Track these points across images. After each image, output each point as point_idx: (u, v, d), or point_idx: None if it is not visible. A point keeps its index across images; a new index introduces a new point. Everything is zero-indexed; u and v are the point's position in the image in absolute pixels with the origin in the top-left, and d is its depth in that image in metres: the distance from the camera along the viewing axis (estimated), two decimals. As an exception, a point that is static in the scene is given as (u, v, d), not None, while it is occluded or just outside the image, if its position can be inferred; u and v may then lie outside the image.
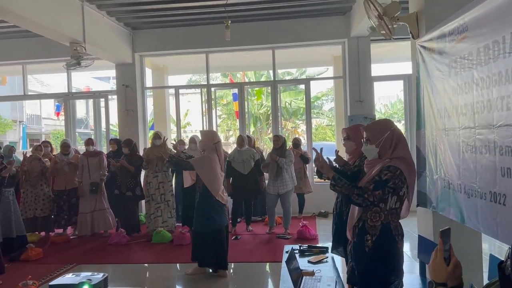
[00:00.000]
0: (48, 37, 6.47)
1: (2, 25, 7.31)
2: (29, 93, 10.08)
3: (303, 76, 16.73)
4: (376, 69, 8.31)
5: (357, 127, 3.32)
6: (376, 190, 2.31)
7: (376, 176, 2.37)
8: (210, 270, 4.75)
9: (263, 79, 17.06)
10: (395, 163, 2.36)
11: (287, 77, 17.38)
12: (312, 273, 2.91)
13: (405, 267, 2.52)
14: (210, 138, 4.55)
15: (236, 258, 5.35)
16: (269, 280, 4.58)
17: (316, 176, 3.32)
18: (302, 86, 11.26)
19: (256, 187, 6.62)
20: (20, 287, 4.03)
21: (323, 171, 2.57)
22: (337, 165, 3.25)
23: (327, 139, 18.96)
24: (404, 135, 2.78)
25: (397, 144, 2.43)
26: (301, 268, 2.97)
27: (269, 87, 9.10)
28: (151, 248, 5.99)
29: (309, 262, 3.25)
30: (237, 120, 12.57)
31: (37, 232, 6.64)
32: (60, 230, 6.78)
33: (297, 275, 2.77)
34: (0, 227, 5.31)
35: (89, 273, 3.10)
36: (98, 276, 3.01)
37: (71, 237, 6.66)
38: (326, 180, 2.58)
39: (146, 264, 5.39)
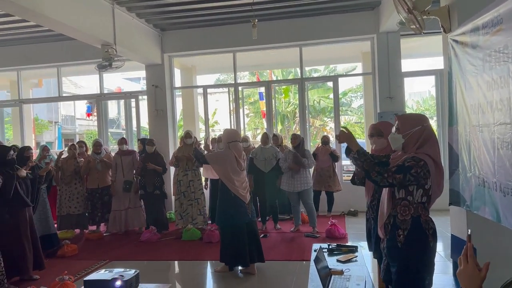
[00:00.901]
0: (80, 40, 6.67)
1: (37, 29, 7.59)
2: (64, 95, 10.43)
3: (332, 73, 16.55)
4: (407, 65, 8.13)
5: (390, 124, 3.25)
6: (397, 174, 2.30)
7: (399, 162, 2.37)
8: (240, 268, 4.78)
9: (290, 77, 17.00)
10: (420, 155, 2.34)
11: (315, 75, 17.25)
12: (341, 272, 2.88)
13: (438, 267, 2.46)
14: (226, 137, 4.73)
15: (265, 256, 5.35)
16: (297, 278, 4.56)
17: (345, 175, 3.28)
18: (330, 83, 11.16)
19: (276, 185, 6.61)
20: (57, 282, 4.19)
21: (350, 142, 2.53)
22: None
23: (356, 137, 18.65)
24: (436, 132, 2.71)
25: (425, 141, 2.38)
26: (329, 267, 2.95)
27: (297, 85, 9.05)
28: (181, 246, 6.09)
29: (338, 261, 3.22)
30: (264, 119, 12.61)
31: (72, 229, 6.87)
32: (94, 227, 7.00)
33: (325, 274, 2.75)
34: (38, 224, 5.53)
35: (121, 269, 3.19)
36: (130, 272, 3.09)
37: (104, 234, 6.86)
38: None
39: (176, 261, 5.48)
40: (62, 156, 6.73)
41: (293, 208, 6.62)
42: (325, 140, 7.51)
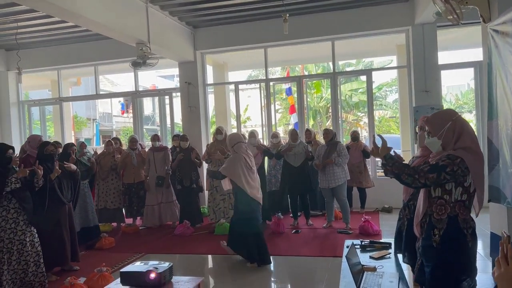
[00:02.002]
0: (116, 39, 6.86)
1: (76, 30, 7.87)
2: (101, 93, 10.76)
3: (366, 67, 16.24)
4: (444, 57, 7.86)
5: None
6: (430, 173, 2.24)
7: (433, 162, 2.30)
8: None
9: (320, 71, 16.81)
10: (456, 152, 2.26)
11: (348, 69, 16.98)
12: (373, 269, 2.84)
13: (477, 265, 2.37)
14: (229, 142, 5.02)
15: (296, 252, 5.36)
16: (329, 274, 4.53)
17: (379, 171, 3.24)
18: (364, 77, 10.95)
19: (307, 181, 6.57)
20: (95, 273, 4.36)
21: (376, 152, 2.48)
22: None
23: (391, 132, 18.27)
24: (475, 127, 2.61)
25: (461, 133, 2.30)
26: (362, 263, 2.91)
27: (329, 80, 8.94)
28: (214, 240, 6.16)
29: (371, 257, 3.17)
30: (291, 115, 12.53)
31: (109, 223, 7.11)
32: (130, 221, 7.21)
33: (358, 270, 2.72)
34: (78, 217, 5.77)
35: (156, 262, 3.27)
36: (164, 265, 3.17)
37: (140, 228, 7.05)
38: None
39: (208, 255, 5.57)
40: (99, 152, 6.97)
41: (326, 204, 6.57)
42: (355, 136, 7.39)
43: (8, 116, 9.47)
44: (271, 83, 8.80)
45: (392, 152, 2.63)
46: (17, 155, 4.62)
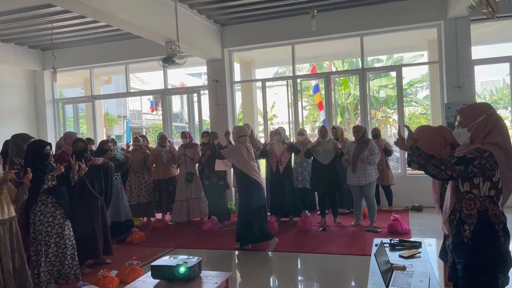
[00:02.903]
0: (146, 38, 7.00)
1: (107, 29, 8.08)
2: (131, 91, 11.01)
3: (396, 63, 15.91)
4: (477, 52, 7.60)
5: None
6: (457, 165, 2.20)
7: (461, 154, 2.26)
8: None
9: (347, 67, 16.58)
10: (485, 147, 2.20)
11: (377, 65, 16.68)
12: (403, 268, 2.80)
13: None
14: (235, 133, 5.54)
15: (323, 249, 5.33)
16: (357, 272, 4.49)
17: (411, 169, 3.20)
18: (394, 73, 10.75)
19: (336, 179, 6.50)
20: (126, 266, 4.48)
21: (402, 143, 2.45)
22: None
23: (421, 129, 17.80)
24: (511, 123, 2.53)
25: (492, 129, 2.24)
26: (391, 262, 2.88)
27: (357, 76, 8.83)
28: (241, 236, 6.22)
29: (400, 256, 3.13)
30: (320, 111, 12.43)
31: (140, 218, 7.28)
32: (160, 216, 7.36)
33: (387, 269, 2.69)
34: (110, 212, 5.94)
35: (185, 257, 3.33)
36: (193, 260, 3.23)
37: (169, 223, 7.19)
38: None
39: (236, 251, 5.62)
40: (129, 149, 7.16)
41: (354, 202, 6.50)
42: (376, 133, 7.26)
43: (44, 114, 9.83)
44: (298, 80, 8.76)
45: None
46: (53, 152, 4.81)
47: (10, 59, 8.85)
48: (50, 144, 4.52)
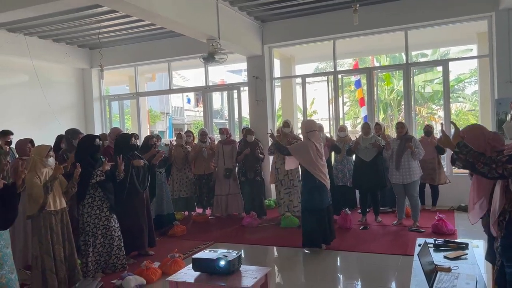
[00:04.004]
0: (188, 36, 7.14)
1: (151, 28, 8.30)
2: (174, 88, 11.26)
3: (442, 57, 15.30)
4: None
5: None
6: (509, 163, 2.09)
7: None
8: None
9: (389, 62, 16.10)
10: None
11: (422, 59, 16.11)
12: (448, 269, 2.71)
13: None
14: (304, 128, 5.18)
15: (364, 248, 5.25)
16: (399, 273, 4.39)
17: (455, 167, 3.07)
18: (440, 68, 10.34)
19: (379, 177, 6.35)
20: (168, 258, 4.62)
21: (447, 141, 2.35)
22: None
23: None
24: None
25: None
26: (435, 263, 2.79)
27: (401, 71, 8.56)
28: (279, 232, 6.24)
29: (445, 257, 3.02)
30: (361, 108, 12.16)
31: (181, 211, 7.46)
32: (200, 210, 7.52)
33: (430, 270, 2.61)
34: (154, 205, 6.14)
35: (225, 250, 3.39)
36: (233, 254, 3.27)
37: (210, 217, 7.32)
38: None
39: (274, 247, 5.64)
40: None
41: (397, 200, 6.33)
42: (428, 130, 7.02)
43: (92, 110, 10.27)
44: (339, 76, 8.63)
45: None
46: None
47: (61, 58, 9.31)
48: (99, 137, 4.75)
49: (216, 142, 7.63)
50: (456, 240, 3.64)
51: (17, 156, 5.10)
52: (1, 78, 8.33)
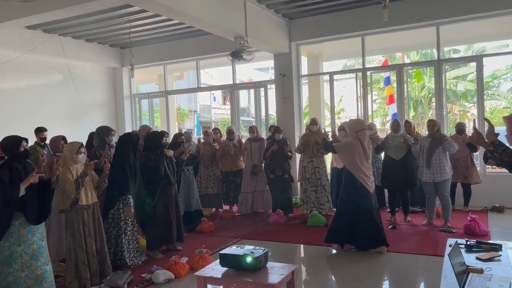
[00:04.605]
0: (216, 34, 7.20)
1: (179, 27, 8.42)
2: (202, 86, 11.38)
3: (476, 53, 14.81)
4: None
5: None
6: None
7: None
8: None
9: (419, 58, 15.70)
10: None
11: (455, 55, 15.64)
12: (480, 271, 2.63)
13: None
14: (353, 126, 4.95)
15: (392, 247, 5.15)
16: (429, 273, 4.30)
17: (489, 166, 2.96)
18: (473, 64, 10.02)
19: (409, 175, 6.21)
20: (196, 254, 4.69)
21: (480, 140, 2.26)
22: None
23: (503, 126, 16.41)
24: None
25: None
26: (467, 264, 2.72)
27: (432, 68, 8.35)
28: (306, 230, 6.22)
29: (477, 258, 2.93)
30: (389, 105, 11.92)
31: (209, 208, 7.55)
32: (227, 207, 7.58)
33: (462, 271, 2.54)
34: (182, 202, 6.24)
35: (252, 247, 3.41)
36: (260, 250, 3.29)
37: (236, 214, 7.38)
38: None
39: (301, 245, 5.62)
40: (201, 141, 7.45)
41: (427, 199, 6.19)
42: (460, 128, 6.82)
43: (122, 108, 10.52)
44: (368, 73, 8.50)
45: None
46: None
47: (93, 57, 9.57)
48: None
49: (243, 140, 7.68)
50: (489, 241, 3.53)
51: (52, 152, 5.29)
52: (37, 78, 8.65)
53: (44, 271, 3.64)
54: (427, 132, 6.23)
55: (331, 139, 5.84)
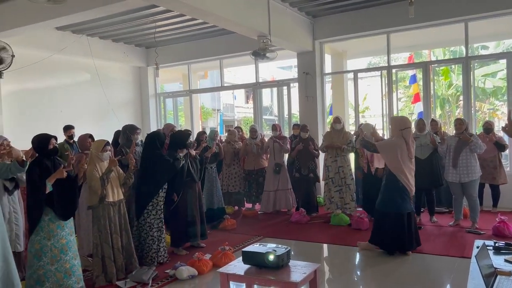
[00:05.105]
0: (240, 33, 7.23)
1: (203, 26, 8.50)
2: (225, 85, 11.46)
3: (507, 50, 14.33)
4: None
5: None
6: None
7: None
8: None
9: (447, 56, 15.31)
10: None
11: (483, 52, 15.19)
12: (509, 273, 2.56)
13: None
14: (397, 124, 4.76)
15: (418, 248, 5.06)
16: (456, 275, 4.20)
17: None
18: (503, 61, 9.71)
19: (435, 175, 6.08)
20: (219, 251, 4.73)
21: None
22: None
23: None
24: None
25: None
26: (495, 266, 2.65)
27: (460, 65, 8.14)
28: (329, 230, 6.18)
29: (506, 261, 2.85)
30: (414, 104, 11.67)
31: (232, 206, 7.60)
32: (250, 205, 7.62)
33: (489, 273, 2.48)
34: (205, 199, 6.31)
35: (274, 245, 3.42)
36: (282, 249, 3.29)
37: (259, 212, 7.40)
38: None
39: (324, 244, 5.59)
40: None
41: (454, 200, 6.05)
42: (488, 127, 6.61)
43: (147, 107, 10.71)
44: (393, 70, 8.36)
45: None
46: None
47: (119, 57, 9.78)
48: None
49: (266, 138, 7.69)
50: (519, 244, 3.42)
51: (80, 150, 5.44)
52: (66, 77, 8.90)
53: (73, 265, 3.76)
54: (454, 132, 6.09)
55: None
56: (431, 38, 9.32)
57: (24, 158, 3.37)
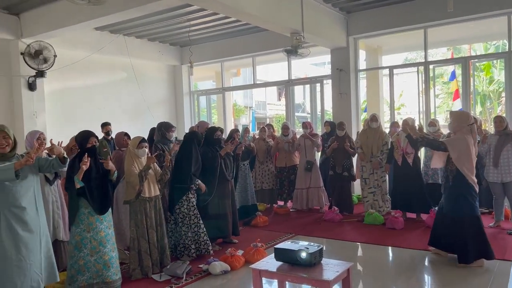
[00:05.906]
0: (272, 30, 7.22)
1: (236, 24, 8.54)
2: (257, 82, 11.49)
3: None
4: None
5: None
6: None
7: None
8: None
9: (491, 50, 14.67)
10: None
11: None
12: (554, 278, 2.44)
13: None
14: (463, 120, 4.38)
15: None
16: (495, 278, 4.05)
17: None
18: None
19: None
20: (251, 247, 4.77)
21: None
22: None
23: None
24: None
25: None
26: (539, 269, 2.53)
27: (503, 60, 7.79)
28: (363, 229, 6.09)
29: (551, 265, 2.73)
30: (453, 101, 11.25)
31: (264, 203, 7.62)
32: (282, 203, 7.61)
33: (533, 277, 2.37)
34: (239, 196, 6.37)
35: (306, 243, 3.41)
36: (314, 247, 3.28)
37: (291, 210, 7.39)
38: None
39: (357, 243, 5.52)
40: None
41: (495, 200, 5.81)
42: None
43: (182, 105, 10.89)
44: (431, 66, 8.11)
45: None
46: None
47: (155, 55, 9.99)
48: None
49: (297, 136, 7.66)
50: None
51: (117, 147, 5.62)
52: (103, 76, 9.18)
53: (111, 257, 3.89)
54: (493, 129, 5.85)
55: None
56: (471, 32, 8.97)
57: (65, 155, 3.51)
